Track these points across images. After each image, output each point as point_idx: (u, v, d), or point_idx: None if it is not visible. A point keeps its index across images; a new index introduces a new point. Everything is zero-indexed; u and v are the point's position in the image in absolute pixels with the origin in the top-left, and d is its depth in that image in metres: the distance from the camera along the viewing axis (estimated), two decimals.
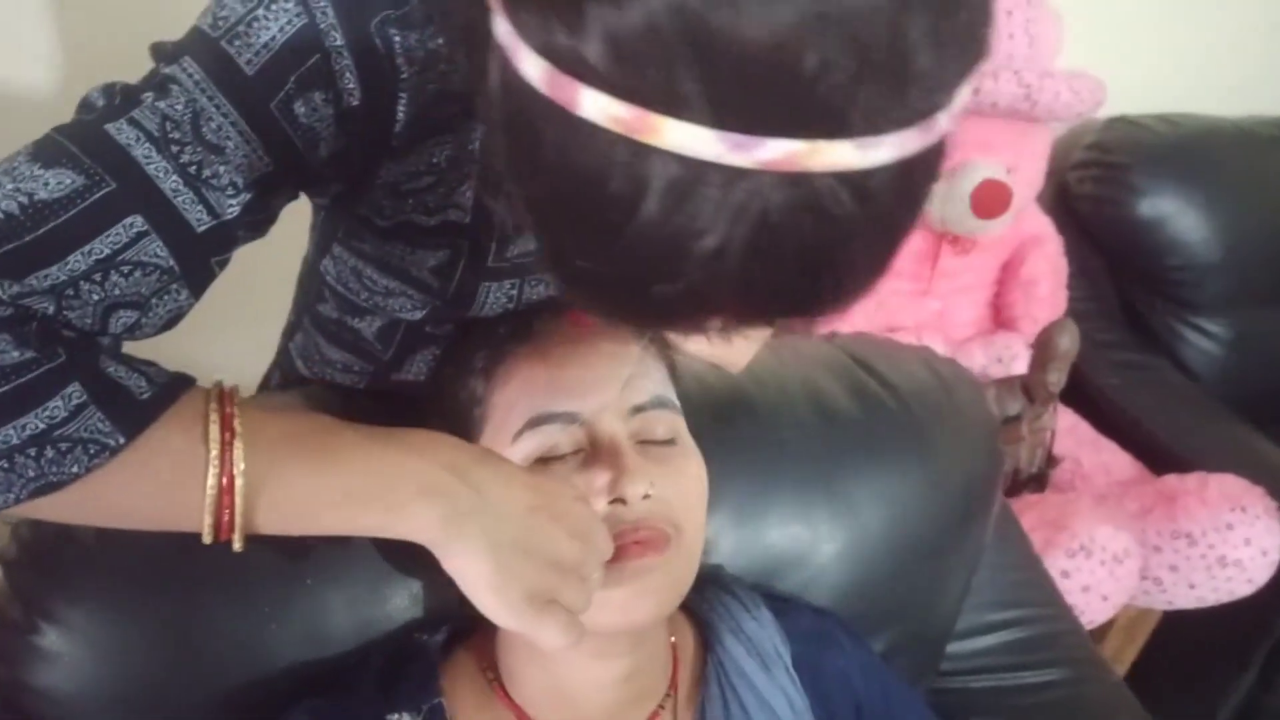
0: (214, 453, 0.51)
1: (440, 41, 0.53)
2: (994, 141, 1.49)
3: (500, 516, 0.56)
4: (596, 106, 0.35)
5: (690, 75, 0.34)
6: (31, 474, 0.48)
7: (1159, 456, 1.53)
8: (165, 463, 0.51)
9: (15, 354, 0.47)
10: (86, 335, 0.51)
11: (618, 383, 0.65)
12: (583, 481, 0.63)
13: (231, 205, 0.52)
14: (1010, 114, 1.45)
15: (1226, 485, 1.37)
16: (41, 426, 0.47)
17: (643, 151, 0.35)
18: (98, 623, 0.69)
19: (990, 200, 1.45)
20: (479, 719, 0.68)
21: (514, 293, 0.68)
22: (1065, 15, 1.58)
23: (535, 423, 0.64)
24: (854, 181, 0.35)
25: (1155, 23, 1.77)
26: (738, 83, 0.34)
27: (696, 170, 0.35)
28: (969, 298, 1.65)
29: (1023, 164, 1.53)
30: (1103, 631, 1.51)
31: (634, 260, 0.38)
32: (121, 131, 0.49)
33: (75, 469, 0.49)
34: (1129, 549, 1.29)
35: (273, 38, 0.50)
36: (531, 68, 0.36)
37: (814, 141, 0.34)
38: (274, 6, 0.50)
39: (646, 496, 0.63)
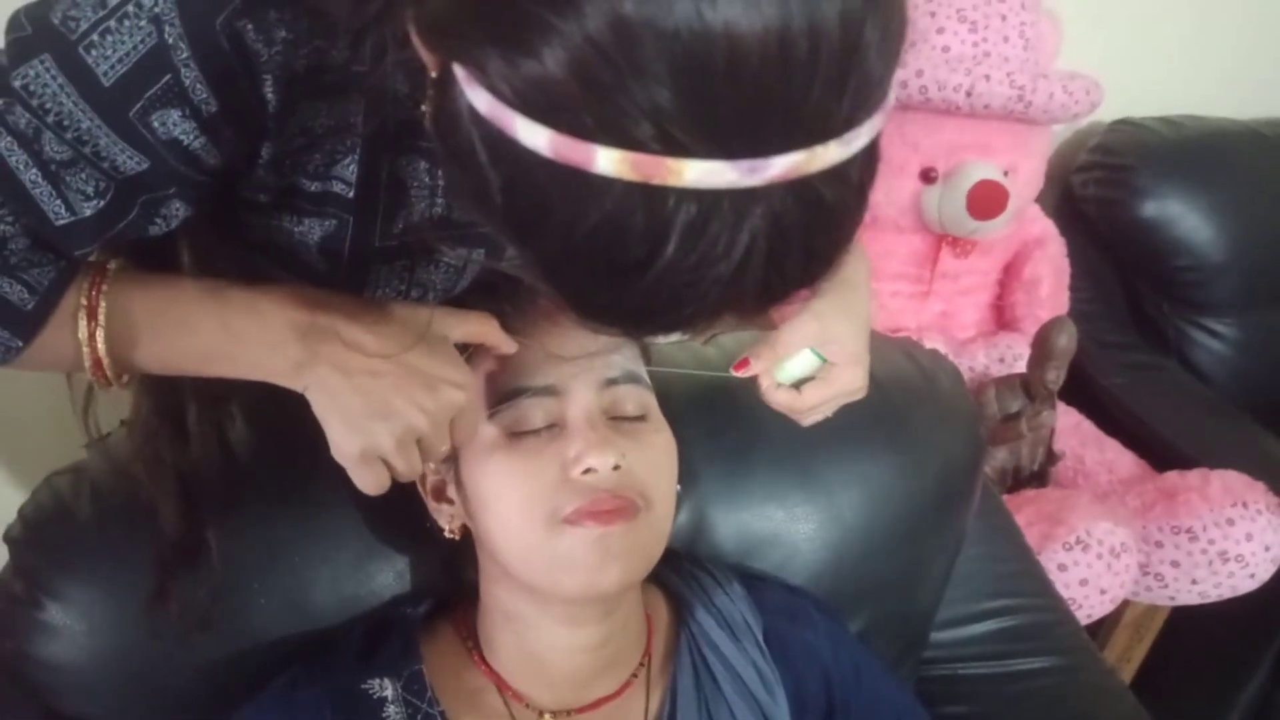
0: (84, 343, 0.60)
1: (305, 25, 0.53)
2: (991, 144, 1.50)
3: (341, 370, 0.61)
4: (611, 162, 0.37)
5: (690, 115, 0.36)
6: None
7: (1163, 455, 1.52)
8: (56, 349, 0.60)
9: None
10: None
11: (589, 357, 0.68)
12: (555, 452, 0.65)
13: (87, 206, 0.55)
14: (1005, 116, 1.46)
15: (1228, 481, 1.36)
16: None
17: (661, 195, 0.38)
18: (94, 597, 0.73)
19: (987, 201, 1.46)
20: (457, 686, 0.70)
21: (406, 274, 0.69)
22: (1068, 19, 1.59)
23: (508, 397, 0.67)
24: (840, 171, 0.40)
25: (1158, 26, 1.78)
26: (737, 111, 0.37)
27: (712, 202, 0.38)
28: (971, 299, 1.66)
29: (1021, 165, 1.54)
30: (1109, 629, 1.50)
31: (656, 294, 0.41)
32: None
33: None
34: (1126, 543, 1.29)
35: (127, 54, 0.51)
36: (535, 137, 0.38)
37: (811, 149, 0.38)
38: (126, 23, 0.51)
39: (616, 468, 0.65)
